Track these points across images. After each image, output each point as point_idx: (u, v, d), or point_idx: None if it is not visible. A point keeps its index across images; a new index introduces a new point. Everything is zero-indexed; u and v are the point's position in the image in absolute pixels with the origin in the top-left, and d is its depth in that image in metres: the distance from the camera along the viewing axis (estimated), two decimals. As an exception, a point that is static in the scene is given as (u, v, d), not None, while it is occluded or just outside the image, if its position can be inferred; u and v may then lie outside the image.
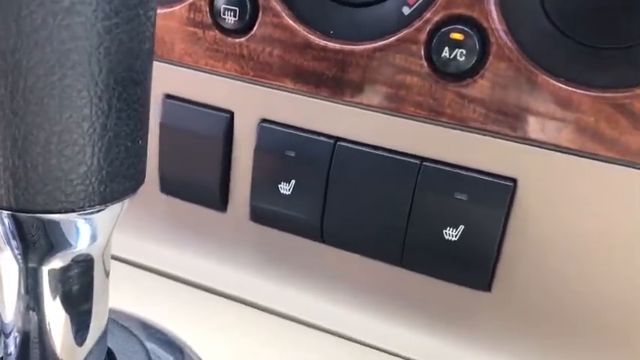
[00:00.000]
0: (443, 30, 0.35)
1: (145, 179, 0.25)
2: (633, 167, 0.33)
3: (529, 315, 0.37)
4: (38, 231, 0.25)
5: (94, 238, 0.27)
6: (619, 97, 0.32)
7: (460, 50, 0.34)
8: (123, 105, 0.24)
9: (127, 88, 0.24)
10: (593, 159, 0.34)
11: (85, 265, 0.28)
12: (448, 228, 0.37)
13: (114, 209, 0.26)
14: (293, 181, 0.40)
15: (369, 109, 0.38)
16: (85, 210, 0.25)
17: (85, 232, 0.26)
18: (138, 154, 0.26)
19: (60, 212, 0.24)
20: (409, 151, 0.38)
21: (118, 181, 0.25)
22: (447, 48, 0.35)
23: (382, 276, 0.40)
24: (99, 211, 0.26)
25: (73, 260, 0.27)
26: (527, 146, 0.35)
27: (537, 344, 0.37)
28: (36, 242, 0.25)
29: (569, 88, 0.33)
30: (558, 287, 0.36)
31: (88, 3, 0.22)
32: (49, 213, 0.24)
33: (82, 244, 0.26)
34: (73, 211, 0.24)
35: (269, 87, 0.40)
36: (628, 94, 0.32)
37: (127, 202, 0.27)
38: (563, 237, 0.35)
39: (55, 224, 0.25)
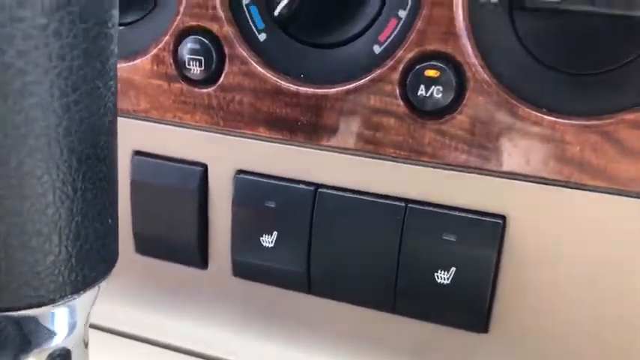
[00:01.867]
0: (417, 68, 0.34)
1: (119, 239, 0.24)
2: (622, 195, 0.32)
3: (529, 354, 0.36)
4: (8, 327, 0.23)
5: (71, 328, 0.25)
6: (603, 124, 0.32)
7: (436, 87, 0.33)
8: (88, 185, 0.22)
9: (92, 166, 0.22)
10: (582, 189, 0.33)
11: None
12: (439, 271, 0.35)
13: (89, 295, 0.24)
14: (275, 233, 0.38)
15: (348, 153, 0.37)
16: (56, 302, 0.23)
17: (61, 323, 0.24)
18: (109, 234, 0.24)
19: (29, 308, 0.22)
20: (393, 194, 0.36)
21: (90, 266, 0.23)
22: (422, 86, 0.34)
23: (375, 324, 0.39)
24: (72, 300, 0.24)
25: (49, 356, 0.25)
26: (513, 181, 0.34)
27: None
28: (7, 339, 0.23)
29: (552, 118, 0.32)
30: (558, 323, 0.35)
31: (42, 82, 0.20)
32: (16, 310, 0.22)
33: (59, 338, 0.24)
34: (43, 304, 0.22)
35: (242, 136, 0.39)
36: (611, 120, 0.31)
37: (103, 284, 0.25)
38: (558, 270, 0.34)
39: (28, 319, 0.23)
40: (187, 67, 0.38)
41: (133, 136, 0.41)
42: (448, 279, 0.35)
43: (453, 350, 0.37)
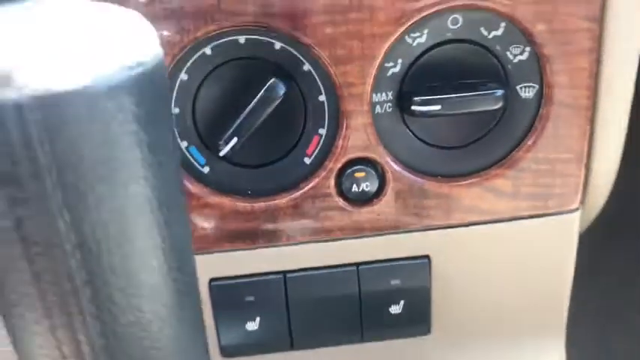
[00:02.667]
0: (347, 173, 0.43)
1: None
2: (500, 222, 0.46)
3: (460, 337, 0.51)
4: None
5: None
6: (480, 180, 0.45)
7: (365, 183, 0.44)
8: None
9: None
10: (475, 225, 0.46)
11: None
12: (392, 306, 0.47)
13: None
14: (258, 318, 0.47)
15: (304, 243, 0.46)
16: None
17: None
18: None
19: None
20: (345, 262, 0.47)
21: None
22: (354, 185, 0.44)
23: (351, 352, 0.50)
24: None
25: None
26: (430, 231, 0.46)
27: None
28: None
29: (448, 183, 0.45)
30: (473, 313, 0.50)
31: None
32: None
33: None
34: None
35: (209, 253, 0.46)
36: (485, 176, 0.45)
37: None
38: (469, 281, 0.48)
39: None
40: (146, 211, 0.43)
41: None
42: (400, 309, 0.48)
43: (412, 347, 0.51)
